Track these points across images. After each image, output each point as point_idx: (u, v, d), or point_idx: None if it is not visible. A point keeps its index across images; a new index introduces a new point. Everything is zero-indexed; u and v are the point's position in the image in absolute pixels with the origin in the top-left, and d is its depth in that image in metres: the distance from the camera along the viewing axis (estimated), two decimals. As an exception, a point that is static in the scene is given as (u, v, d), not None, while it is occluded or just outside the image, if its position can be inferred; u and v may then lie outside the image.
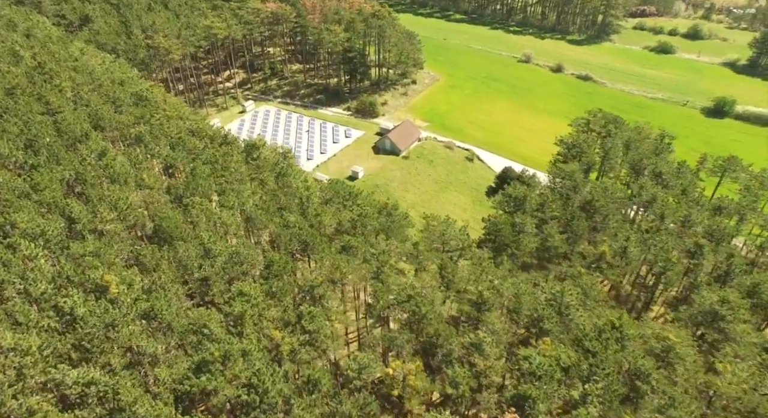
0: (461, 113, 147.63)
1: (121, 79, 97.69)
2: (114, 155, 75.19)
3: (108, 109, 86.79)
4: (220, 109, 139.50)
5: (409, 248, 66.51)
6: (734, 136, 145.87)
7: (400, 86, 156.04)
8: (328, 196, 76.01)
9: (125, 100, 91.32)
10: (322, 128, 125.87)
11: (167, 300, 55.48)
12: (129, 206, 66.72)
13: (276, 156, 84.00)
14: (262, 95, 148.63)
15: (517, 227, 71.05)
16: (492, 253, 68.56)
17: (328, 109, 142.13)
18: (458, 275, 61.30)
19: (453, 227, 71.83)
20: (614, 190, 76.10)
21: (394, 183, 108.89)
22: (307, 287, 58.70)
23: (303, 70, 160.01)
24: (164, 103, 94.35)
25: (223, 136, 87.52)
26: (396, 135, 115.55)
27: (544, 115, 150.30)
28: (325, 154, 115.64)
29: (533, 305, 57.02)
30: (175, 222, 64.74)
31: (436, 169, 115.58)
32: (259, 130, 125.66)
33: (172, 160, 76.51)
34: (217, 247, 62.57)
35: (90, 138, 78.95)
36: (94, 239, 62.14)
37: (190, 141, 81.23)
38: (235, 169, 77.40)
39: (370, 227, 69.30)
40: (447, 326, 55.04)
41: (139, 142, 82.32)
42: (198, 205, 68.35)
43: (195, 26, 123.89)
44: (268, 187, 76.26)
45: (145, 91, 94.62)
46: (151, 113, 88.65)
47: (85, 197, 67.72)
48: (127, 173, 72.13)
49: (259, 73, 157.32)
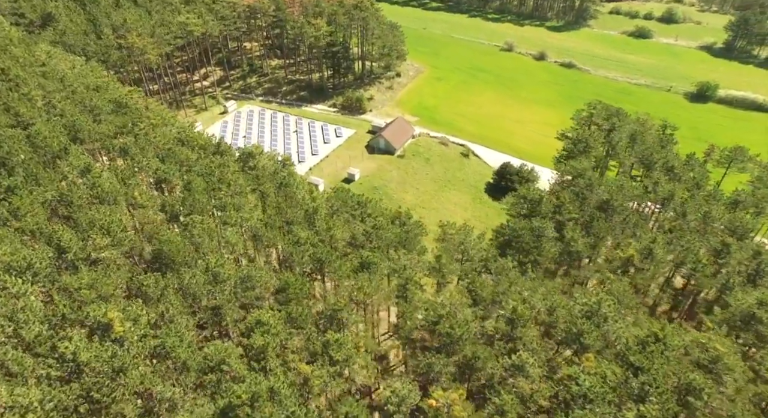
0: (450, 106, 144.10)
1: (97, 84, 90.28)
2: (100, 171, 68.83)
3: (86, 119, 79.82)
4: (199, 110, 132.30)
5: (430, 260, 62.83)
6: (719, 120, 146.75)
7: (385, 80, 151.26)
8: (336, 207, 71.49)
9: (104, 108, 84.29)
10: (310, 128, 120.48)
11: (178, 335, 50.50)
12: (123, 230, 60.94)
13: (275, 164, 78.75)
14: (243, 94, 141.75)
15: (536, 231, 68.10)
16: (514, 261, 65.52)
17: (313, 107, 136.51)
18: (487, 290, 58.01)
19: (471, 234, 68.49)
20: (629, 187, 73.80)
21: (392, 184, 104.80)
22: (329, 310, 54.52)
23: (283, 65, 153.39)
24: (146, 110, 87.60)
25: (216, 144, 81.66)
26: (390, 133, 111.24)
27: (532, 106, 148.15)
28: (317, 156, 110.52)
29: (569, 318, 54.24)
30: (177, 246, 59.37)
31: (433, 168, 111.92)
32: (244, 132, 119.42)
33: (164, 174, 70.58)
34: (226, 271, 57.62)
35: (70, 153, 72.23)
36: (89, 269, 56.33)
37: (181, 152, 75.25)
38: (233, 181, 72.01)
39: (386, 239, 65.23)
40: (484, 347, 51.76)
41: (125, 154, 75.94)
42: (199, 224, 63.00)
43: (170, 23, 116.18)
44: (270, 199, 71.25)
45: (124, 98, 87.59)
46: (133, 122, 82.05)
47: (73, 222, 61.55)
48: (116, 191, 66.03)
49: (237, 71, 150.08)
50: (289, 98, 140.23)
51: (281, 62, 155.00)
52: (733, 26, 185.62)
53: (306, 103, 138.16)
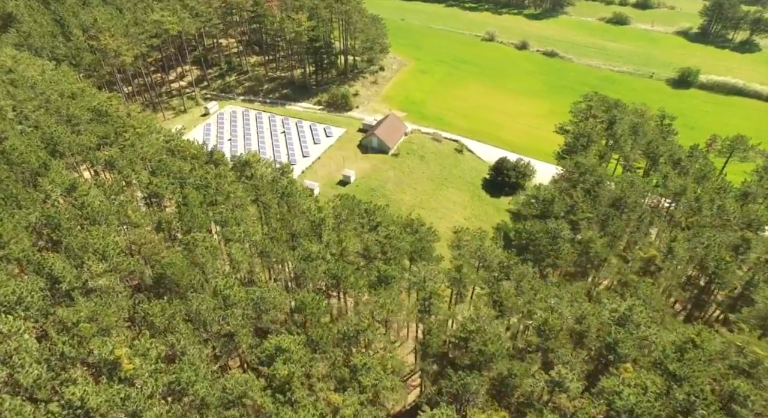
0: (437, 100, 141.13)
1: (72, 91, 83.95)
2: (87, 189, 63.57)
3: (64, 131, 73.92)
4: (178, 113, 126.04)
5: (447, 269, 60.01)
6: (703, 106, 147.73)
7: (369, 74, 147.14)
8: (343, 216, 67.89)
9: (82, 117, 78.36)
10: (298, 128, 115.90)
11: (193, 368, 46.58)
12: (120, 253, 56.23)
13: (273, 172, 74.43)
14: (222, 93, 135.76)
15: (552, 233, 65.98)
16: (534, 266, 63.35)
17: (297, 105, 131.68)
18: (511, 299, 55.60)
19: (486, 239, 65.99)
20: (639, 182, 72.27)
21: (388, 185, 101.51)
22: (352, 331, 51.29)
23: (262, 62, 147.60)
24: (129, 118, 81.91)
25: (209, 153, 76.75)
26: (383, 131, 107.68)
27: (518, 97, 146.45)
28: (309, 158, 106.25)
29: (601, 325, 52.29)
30: (181, 268, 55.05)
31: (428, 165, 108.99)
32: (229, 135, 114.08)
33: (157, 188, 65.70)
34: (235, 293, 53.69)
35: (51, 169, 66.59)
36: (86, 299, 51.63)
37: (173, 163, 70.28)
38: (232, 192, 67.66)
39: (400, 249, 62.11)
40: (519, 362, 49.37)
41: (111, 168, 70.64)
42: (201, 242, 58.68)
43: (143, 22, 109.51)
44: (273, 210, 67.19)
45: (104, 105, 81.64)
46: (117, 131, 76.54)
47: (63, 247, 56.44)
48: (107, 210, 61.01)
49: (215, 69, 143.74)
50: (272, 97, 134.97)
51: (260, 59, 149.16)
52: (708, 11, 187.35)
53: (289, 102, 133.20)
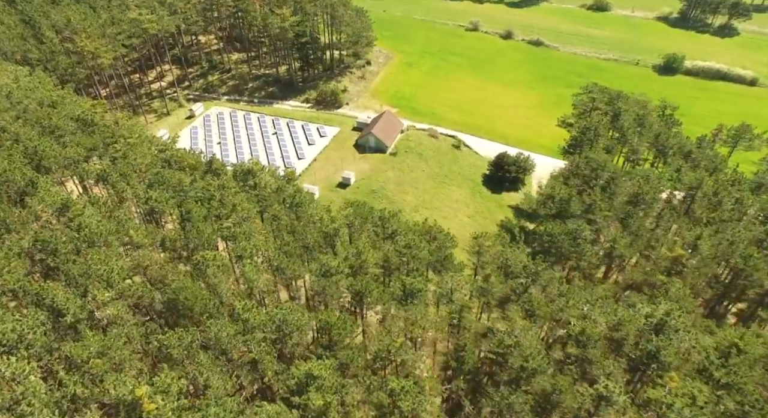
0: (428, 94, 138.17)
1: (52, 99, 78.14)
2: (81, 208, 58.81)
3: (48, 143, 68.57)
4: (161, 116, 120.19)
5: (470, 278, 57.48)
6: (690, 92, 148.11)
7: (356, 69, 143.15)
8: (357, 224, 64.70)
9: (67, 127, 72.94)
10: (290, 128, 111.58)
11: (220, 403, 43.14)
12: (126, 278, 52.06)
13: (277, 180, 70.53)
14: (205, 94, 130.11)
15: (574, 233, 64.07)
16: (559, 269, 61.38)
17: (285, 104, 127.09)
18: (543, 308, 53.49)
19: (507, 243, 63.72)
20: (654, 177, 70.88)
21: (390, 185, 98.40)
22: (383, 352, 48.44)
23: (245, 59, 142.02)
24: (117, 126, 76.68)
25: (208, 162, 72.29)
26: (380, 130, 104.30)
27: (509, 88, 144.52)
28: (305, 160, 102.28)
29: (638, 332, 50.62)
30: (194, 292, 51.24)
31: (427, 163, 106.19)
32: (218, 138, 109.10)
33: (157, 204, 61.31)
34: (255, 316, 50.21)
35: (39, 187, 61.49)
36: (93, 332, 47.48)
37: (172, 175, 65.79)
38: (238, 205, 63.71)
39: (421, 259, 59.32)
40: (563, 377, 47.31)
41: (104, 183, 65.83)
42: (212, 261, 54.83)
43: (120, 21, 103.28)
44: (283, 222, 63.51)
45: (88, 114, 76.22)
46: (105, 142, 71.51)
47: (64, 274, 51.90)
48: (106, 231, 56.50)
49: (196, 68, 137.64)
50: (258, 96, 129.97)
51: (242, 56, 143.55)
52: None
53: (277, 100, 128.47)
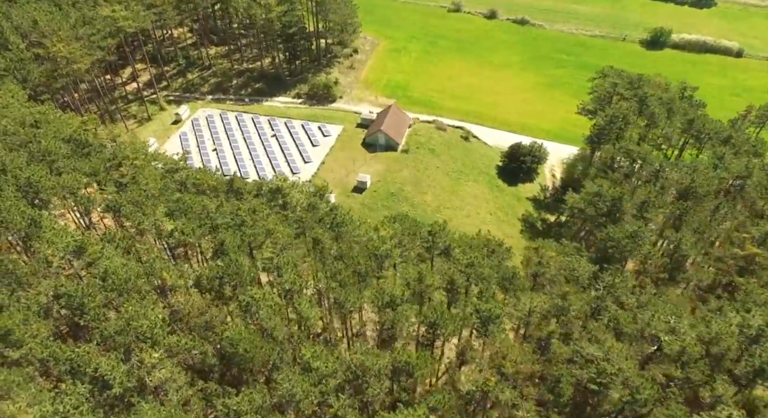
0: (422, 82, 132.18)
1: (34, 118, 68.34)
2: (100, 249, 51.03)
3: (42, 172, 59.64)
4: (142, 122, 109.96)
5: (548, 297, 53.17)
6: (679, 66, 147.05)
7: (344, 58, 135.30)
8: (406, 242, 59.18)
9: (58, 151, 63.86)
10: (290, 129, 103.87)
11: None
12: (170, 331, 45.24)
13: (308, 197, 63.83)
14: (187, 94, 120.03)
15: (636, 235, 60.53)
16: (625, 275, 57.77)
17: (275, 101, 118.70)
18: (630, 325, 49.83)
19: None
20: (703, 167, 67.99)
21: (407, 186, 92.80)
22: (476, 392, 43.76)
23: (224, 53, 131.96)
24: (116, 144, 67.92)
25: (228, 182, 64.72)
26: (389, 126, 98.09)
27: (502, 71, 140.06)
28: (312, 164, 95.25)
29: (738, 345, 47.69)
30: (253, 341, 45.00)
31: (440, 159, 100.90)
32: (212, 144, 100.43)
33: (185, 237, 54.02)
34: (327, 363, 44.54)
35: (43, 226, 53.08)
36: (149, 401, 40.77)
37: (195, 200, 58.26)
38: (273, 230, 57.12)
39: (487, 277, 54.50)
40: (680, 406, 43.84)
41: (115, 213, 57.77)
42: (262, 301, 48.49)
43: (93, 20, 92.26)
44: (327, 246, 57.32)
45: (80, 133, 67.05)
46: (107, 165, 63.04)
47: (98, 334, 44.48)
48: (134, 274, 49.12)
49: (172, 65, 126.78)
50: (244, 93, 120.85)
51: (221, 50, 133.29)
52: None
53: (265, 97, 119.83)
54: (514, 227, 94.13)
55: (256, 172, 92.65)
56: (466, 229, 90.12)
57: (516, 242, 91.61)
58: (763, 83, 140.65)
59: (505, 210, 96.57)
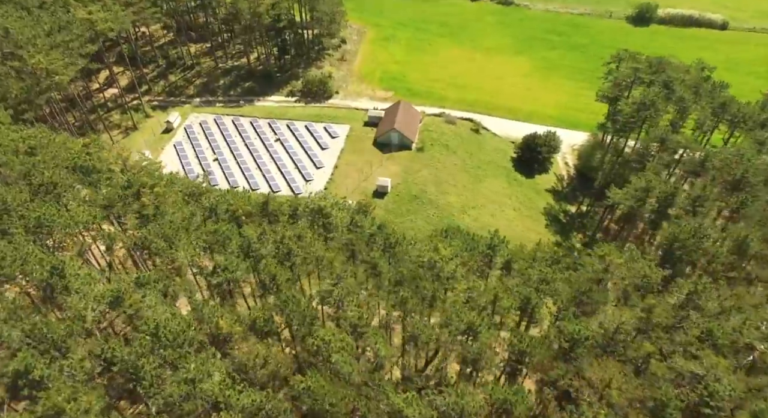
0: (417, 71, 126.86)
1: (29, 144, 60.22)
2: (140, 297, 44.89)
3: (53, 209, 52.30)
4: (127, 132, 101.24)
5: (632, 312, 50.16)
6: (667, 42, 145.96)
7: (333, 50, 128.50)
8: (465, 257, 55.00)
9: (65, 182, 56.47)
10: (293, 132, 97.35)
11: None
12: (241, 389, 39.93)
13: (349, 213, 58.59)
14: (171, 98, 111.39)
15: (701, 233, 58.08)
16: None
17: (268, 100, 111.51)
18: (725, 336, 47.35)
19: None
20: (750, 155, 65.99)
21: (429, 187, 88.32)
22: (585, 428, 40.47)
23: (205, 51, 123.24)
24: (127, 168, 60.70)
25: (262, 203, 58.59)
26: (402, 124, 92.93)
27: (496, 56, 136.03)
28: (324, 169, 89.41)
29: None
30: (336, 392, 40.28)
31: (456, 155, 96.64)
32: (212, 153, 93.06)
33: (229, 273, 48.28)
34: (418, 408, 40.32)
35: (68, 274, 46.31)
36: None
37: (232, 231, 52.28)
38: (323, 257, 52.00)
39: (564, 294, 51.02)
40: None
41: (143, 251, 51.36)
42: (333, 341, 43.62)
43: (69, 24, 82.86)
44: (383, 271, 52.56)
45: (83, 158, 59.50)
46: (125, 195, 56.10)
47: (163, 402, 38.76)
48: (187, 325, 43.31)
49: (151, 67, 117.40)
50: (234, 94, 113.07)
51: (201, 47, 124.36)
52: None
53: (257, 97, 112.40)
54: (539, 222, 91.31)
55: (267, 183, 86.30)
56: (496, 228, 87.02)
57: (543, 237, 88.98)
58: (750, 56, 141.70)
59: (527, 205, 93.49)
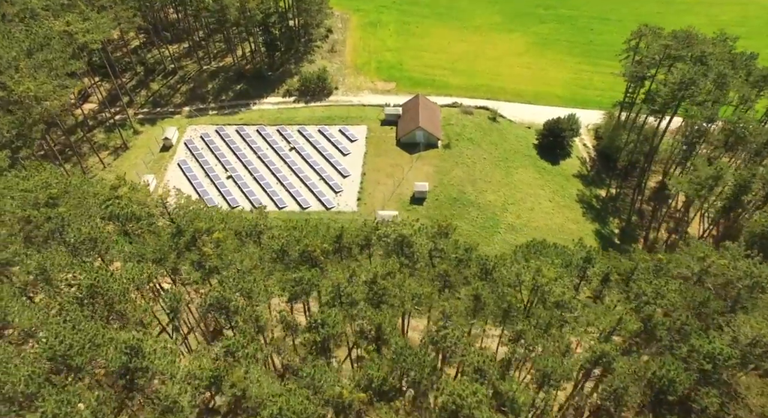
0: (413, 58, 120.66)
1: (49, 194, 51.22)
2: (243, 373, 38.58)
3: (101, 273, 44.49)
4: (117, 153, 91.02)
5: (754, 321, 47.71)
6: (654, 7, 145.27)
7: (321, 42, 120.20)
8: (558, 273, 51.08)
9: (104, 237, 48.39)
10: (308, 139, 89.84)
11: None
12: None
13: (429, 238, 53.04)
14: (157, 109, 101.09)
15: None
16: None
17: (264, 103, 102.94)
18: None
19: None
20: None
21: (466, 187, 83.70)
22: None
23: (184, 52, 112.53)
24: (164, 208, 52.72)
25: (336, 236, 51.94)
26: (426, 121, 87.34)
27: (490, 35, 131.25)
28: (351, 177, 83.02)
29: None
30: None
31: (482, 148, 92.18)
32: (223, 171, 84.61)
33: (332, 329, 42.40)
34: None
35: (146, 353, 39.37)
36: None
37: (314, 274, 45.96)
38: (420, 294, 46.95)
39: (674, 304, 48.08)
40: None
41: (221, 311, 44.61)
42: (469, 396, 39.02)
43: (49, 40, 71.80)
44: (488, 301, 47.90)
45: (118, 204, 51.15)
46: (176, 243, 48.68)
47: None
48: (306, 397, 37.53)
49: (128, 75, 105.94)
50: (226, 99, 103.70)
51: (178, 48, 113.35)
52: None
53: (252, 101, 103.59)
54: (575, 211, 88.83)
55: (294, 200, 79.36)
56: (539, 223, 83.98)
57: (583, 226, 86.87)
58: (732, 17, 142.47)
59: (560, 193, 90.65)
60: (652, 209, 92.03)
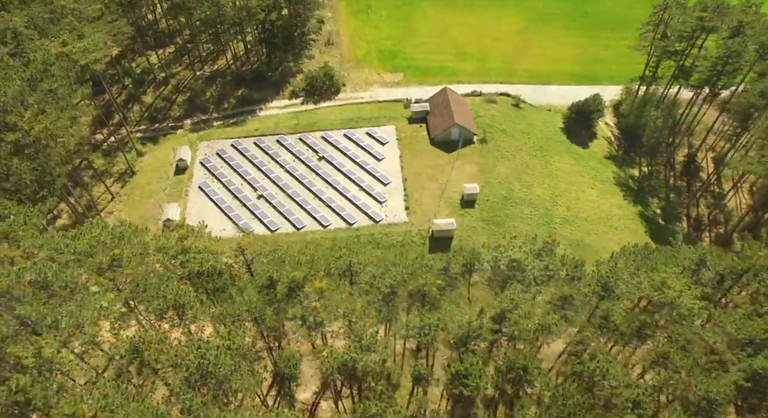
0: (413, 45, 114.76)
1: (112, 255, 44.16)
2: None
3: (209, 350, 38.64)
4: (123, 179, 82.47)
5: None
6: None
7: (315, 34, 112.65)
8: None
9: (188, 300, 42.21)
10: (335, 146, 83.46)
11: None
12: None
13: (534, 257, 49.21)
14: (156, 125, 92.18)
15: None
16: None
17: (271, 107, 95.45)
18: None
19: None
20: None
21: (513, 183, 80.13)
22: None
23: (171, 58, 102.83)
24: (243, 256, 46.50)
25: (443, 269, 46.97)
26: (460, 116, 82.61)
27: (487, 13, 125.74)
28: (392, 184, 77.89)
29: None
30: None
31: (515, 138, 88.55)
32: (252, 191, 77.65)
33: (477, 380, 38.50)
34: None
35: None
36: None
37: (439, 319, 41.46)
38: (549, 325, 43.48)
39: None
40: None
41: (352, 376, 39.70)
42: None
43: (48, 65, 62.36)
44: (618, 322, 44.88)
45: (193, 260, 44.70)
46: (270, 298, 43.09)
47: None
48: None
49: (116, 89, 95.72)
50: (228, 107, 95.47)
51: (164, 54, 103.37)
52: None
53: (258, 106, 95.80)
54: (616, 195, 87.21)
55: (339, 216, 73.67)
56: (588, 213, 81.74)
57: (627, 211, 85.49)
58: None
59: (598, 178, 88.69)
60: (687, 184, 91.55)
